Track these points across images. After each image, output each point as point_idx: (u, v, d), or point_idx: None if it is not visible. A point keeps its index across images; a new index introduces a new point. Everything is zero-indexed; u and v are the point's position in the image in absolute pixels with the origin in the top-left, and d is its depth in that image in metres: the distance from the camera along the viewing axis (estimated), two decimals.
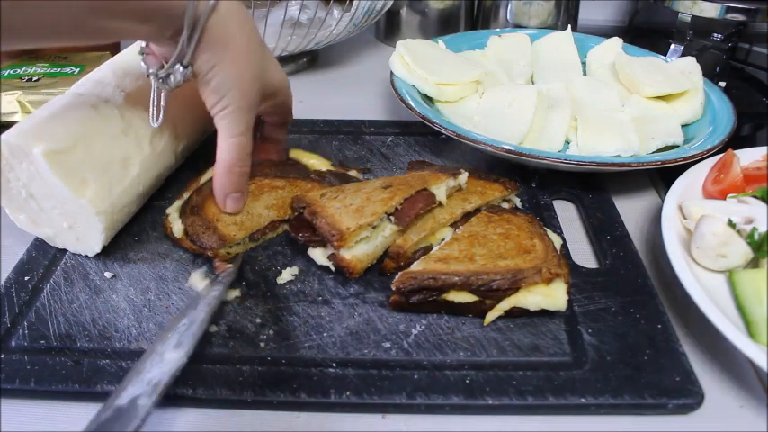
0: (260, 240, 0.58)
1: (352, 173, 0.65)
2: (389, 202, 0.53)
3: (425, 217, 0.57)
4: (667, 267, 0.52)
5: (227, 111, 0.52)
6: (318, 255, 0.54)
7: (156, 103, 0.55)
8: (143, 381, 0.39)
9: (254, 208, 0.59)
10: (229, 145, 0.54)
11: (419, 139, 0.77)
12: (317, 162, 0.68)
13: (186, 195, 0.61)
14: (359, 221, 0.52)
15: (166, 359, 0.41)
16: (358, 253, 0.53)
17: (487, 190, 0.61)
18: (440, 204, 0.57)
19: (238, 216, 0.57)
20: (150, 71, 0.52)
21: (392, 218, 0.54)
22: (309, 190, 0.61)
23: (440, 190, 0.57)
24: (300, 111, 0.69)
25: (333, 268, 0.54)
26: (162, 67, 0.51)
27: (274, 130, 0.66)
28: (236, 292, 0.53)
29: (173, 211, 0.60)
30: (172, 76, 0.51)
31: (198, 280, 0.53)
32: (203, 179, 0.63)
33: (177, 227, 0.58)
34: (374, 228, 0.53)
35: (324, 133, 0.78)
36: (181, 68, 0.50)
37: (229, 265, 0.54)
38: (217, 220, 0.56)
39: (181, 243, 0.57)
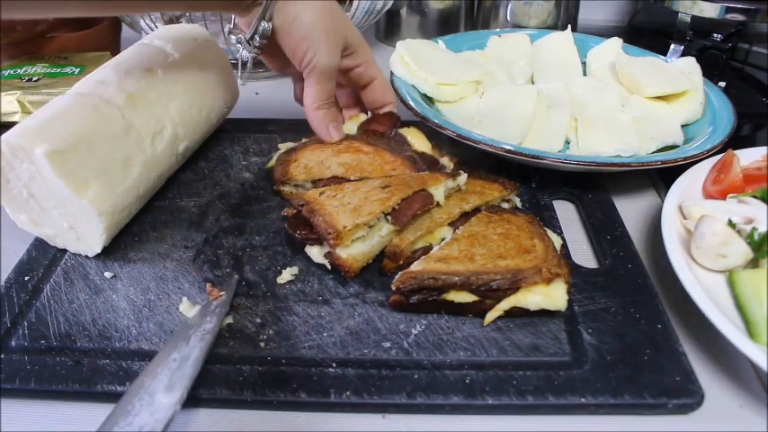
0: (320, 189, 0.58)
1: (444, 159, 0.65)
2: (387, 202, 0.54)
3: (422, 216, 0.57)
4: (667, 267, 0.52)
5: (316, 58, 0.60)
6: (315, 253, 0.55)
7: (242, 65, 0.72)
8: (133, 426, 0.37)
9: (328, 160, 0.64)
10: (314, 91, 0.63)
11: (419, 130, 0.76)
12: (420, 143, 0.68)
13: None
14: (355, 220, 0.52)
15: (158, 404, 0.38)
16: (354, 252, 0.53)
17: (486, 190, 0.61)
18: (438, 205, 0.57)
19: (311, 162, 0.64)
20: (239, 39, 0.61)
21: (389, 218, 0.55)
22: (390, 163, 0.63)
23: (438, 191, 0.57)
24: (301, 112, 0.68)
25: (329, 266, 0.54)
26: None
27: (372, 93, 0.70)
28: (228, 319, 0.50)
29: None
30: (257, 35, 0.59)
31: (187, 307, 0.51)
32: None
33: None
34: (371, 227, 0.54)
35: None
36: (264, 24, 0.58)
37: (222, 293, 0.51)
38: (294, 161, 0.65)
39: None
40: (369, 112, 0.73)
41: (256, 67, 0.95)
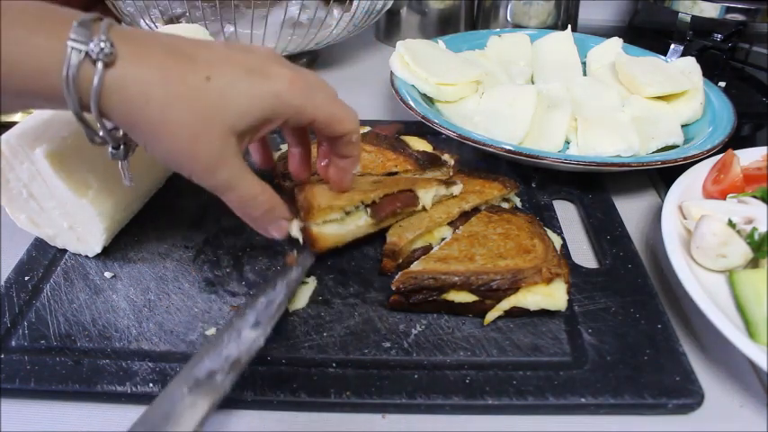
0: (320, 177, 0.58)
1: (445, 156, 0.65)
2: (369, 194, 0.54)
3: (420, 215, 0.57)
4: (667, 267, 0.52)
5: (195, 178, 0.41)
6: (294, 227, 0.53)
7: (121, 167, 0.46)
8: (220, 355, 0.40)
9: None
10: (228, 202, 0.45)
11: (421, 137, 0.75)
12: (422, 146, 0.68)
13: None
14: (331, 202, 0.52)
15: (244, 337, 0.42)
16: (325, 231, 0.53)
17: (486, 189, 0.61)
18: (423, 209, 0.57)
19: (313, 158, 0.61)
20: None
21: (368, 209, 0.55)
22: (393, 160, 0.63)
23: (427, 195, 0.57)
24: None
25: (301, 241, 0.54)
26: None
27: (338, 146, 0.49)
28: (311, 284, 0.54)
29: None
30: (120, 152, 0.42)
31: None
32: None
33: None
34: (347, 213, 0.54)
35: None
36: (121, 150, 0.41)
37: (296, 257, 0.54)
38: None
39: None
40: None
41: None
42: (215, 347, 0.41)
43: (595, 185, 0.68)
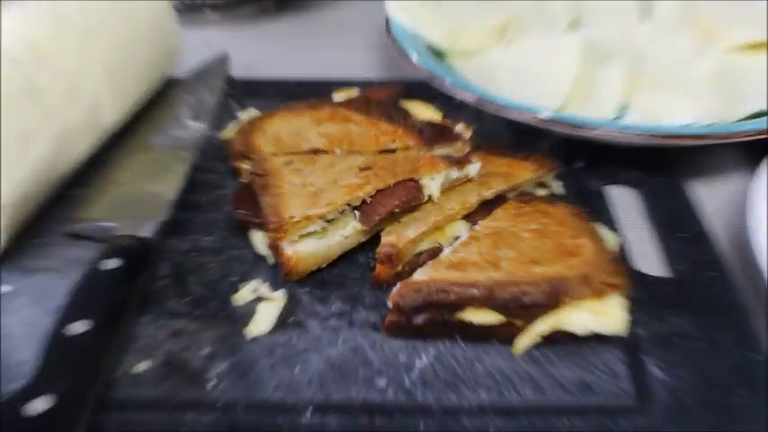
0: (289, 158, 0.61)
1: (458, 128, 0.65)
2: (357, 191, 0.54)
3: (426, 207, 0.57)
4: (762, 275, 0.50)
5: None
6: (259, 240, 0.56)
7: None
8: None
9: (306, 130, 0.64)
10: None
11: (427, 103, 0.75)
12: (427, 114, 0.69)
13: None
14: (308, 210, 0.52)
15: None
16: (303, 249, 0.53)
17: (515, 171, 0.61)
18: (429, 200, 0.57)
19: (283, 131, 0.64)
20: None
21: (357, 212, 0.55)
22: (388, 135, 0.63)
23: (433, 182, 0.57)
24: (265, 68, 0.69)
25: (270, 261, 0.55)
26: None
27: None
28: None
29: None
30: None
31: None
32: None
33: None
34: (329, 222, 0.54)
35: (297, 97, 0.77)
36: None
37: None
38: (260, 130, 0.65)
39: None
40: None
41: (202, 8, 0.96)
42: None
43: (663, 165, 0.68)
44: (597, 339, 0.49)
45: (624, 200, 0.65)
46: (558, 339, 0.49)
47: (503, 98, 0.66)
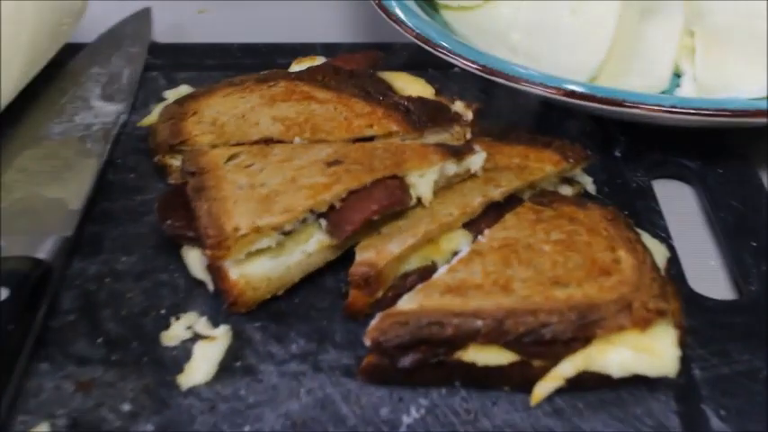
0: (232, 151, 0.61)
1: (456, 106, 0.65)
2: (322, 194, 0.54)
3: (414, 212, 0.57)
4: None
5: None
6: (194, 260, 0.55)
7: None
8: None
9: (256, 113, 0.64)
10: None
11: (415, 75, 0.74)
12: (415, 89, 0.68)
13: None
14: (258, 220, 0.52)
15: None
16: (253, 272, 0.53)
17: (532, 162, 0.61)
18: (419, 204, 0.57)
19: (224, 115, 0.65)
20: None
21: (323, 221, 0.55)
22: (364, 117, 0.63)
23: (424, 180, 0.57)
24: (199, 30, 0.68)
25: (211, 287, 0.55)
26: None
27: None
28: None
29: None
30: None
31: None
32: None
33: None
34: (286, 234, 0.54)
35: (243, 68, 0.77)
36: None
37: None
38: (193, 114, 0.66)
39: None
40: None
41: None
42: None
43: (729, 152, 0.68)
44: (641, 383, 0.49)
45: (677, 199, 0.66)
46: (590, 384, 0.49)
47: (516, 66, 0.66)
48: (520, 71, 0.65)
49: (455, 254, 0.56)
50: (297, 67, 0.74)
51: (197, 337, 0.54)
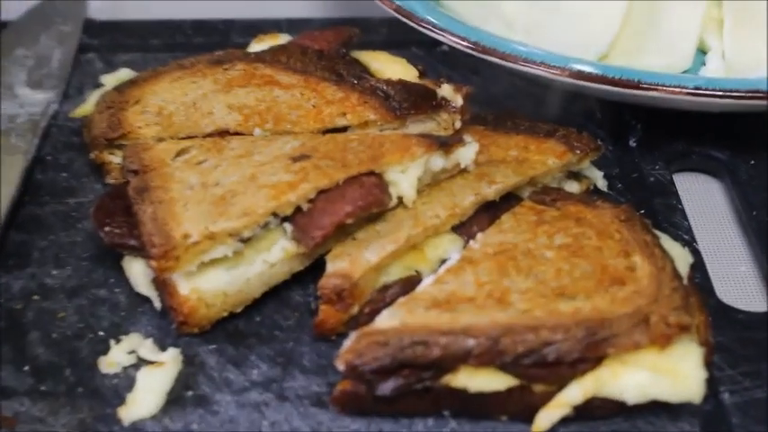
0: (181, 145, 0.60)
1: (444, 90, 0.65)
2: (287, 194, 0.54)
3: (395, 214, 0.57)
4: None
5: None
6: (138, 273, 0.55)
7: None
8: None
9: (209, 100, 0.64)
10: None
11: (395, 54, 0.74)
12: (396, 71, 0.68)
13: None
14: (212, 225, 0.52)
15: None
16: (206, 286, 0.53)
17: (532, 155, 0.61)
18: (400, 205, 0.57)
19: (171, 103, 0.65)
20: None
21: (288, 226, 0.55)
22: (336, 103, 0.63)
23: (406, 177, 0.57)
24: (149, 5, 0.71)
25: (157, 304, 0.55)
26: None
27: None
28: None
29: None
30: None
31: None
32: None
33: None
34: (245, 242, 0.54)
35: (194, 48, 0.78)
36: None
37: None
38: (135, 102, 0.66)
39: None
40: None
41: None
42: None
43: (762, 141, 0.68)
44: (661, 410, 0.49)
45: (702, 195, 0.66)
46: (601, 413, 0.49)
47: (514, 43, 0.66)
48: (518, 49, 0.66)
49: (443, 262, 0.56)
50: (257, 46, 0.74)
51: (141, 362, 0.54)
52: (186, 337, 0.55)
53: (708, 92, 0.62)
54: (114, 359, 0.54)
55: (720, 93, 0.62)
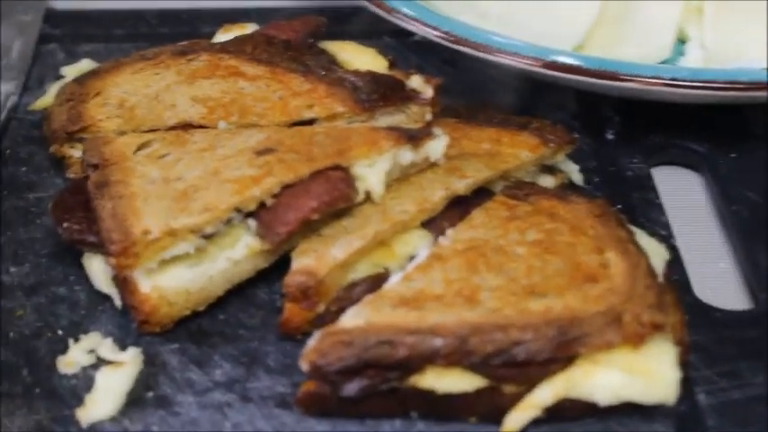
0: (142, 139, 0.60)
1: (413, 81, 0.65)
2: (251, 189, 0.54)
3: (362, 210, 0.57)
4: None
5: None
6: (98, 271, 0.55)
7: None
8: None
9: (172, 93, 0.64)
10: None
11: (366, 44, 0.74)
12: (365, 62, 0.68)
13: None
14: (173, 220, 0.52)
15: None
16: (168, 284, 0.53)
17: (505, 148, 0.61)
18: (368, 200, 0.57)
19: (134, 95, 0.65)
20: None
21: (252, 222, 0.54)
22: (303, 95, 0.63)
23: (373, 171, 0.57)
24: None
25: (117, 302, 0.55)
26: None
27: None
28: None
29: None
30: None
31: None
32: None
33: None
34: (208, 238, 0.53)
35: (158, 38, 0.77)
36: None
37: None
38: (96, 94, 0.66)
39: None
40: None
41: None
42: None
43: (744, 134, 0.69)
44: (634, 413, 0.49)
45: (681, 190, 0.67)
46: (572, 414, 0.49)
47: (486, 33, 0.66)
48: (492, 39, 0.66)
49: (411, 259, 0.56)
50: (222, 36, 0.73)
51: (100, 362, 0.53)
52: (147, 337, 0.55)
53: (687, 83, 0.63)
54: (73, 359, 0.54)
55: (699, 84, 0.63)
